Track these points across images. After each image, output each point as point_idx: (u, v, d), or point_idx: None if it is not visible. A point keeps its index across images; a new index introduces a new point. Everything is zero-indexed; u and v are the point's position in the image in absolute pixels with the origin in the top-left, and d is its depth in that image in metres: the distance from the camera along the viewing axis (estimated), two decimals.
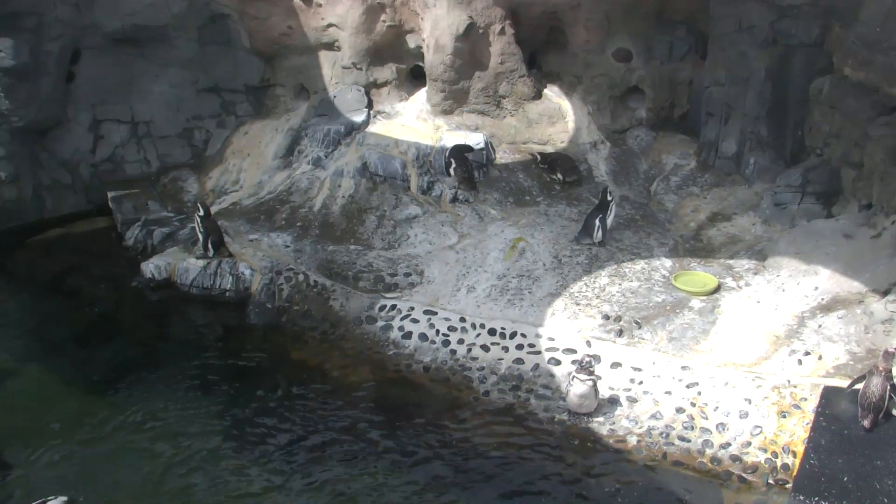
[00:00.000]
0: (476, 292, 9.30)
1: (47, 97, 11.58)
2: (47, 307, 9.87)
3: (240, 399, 8.08)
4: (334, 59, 12.64)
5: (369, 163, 11.28)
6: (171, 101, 12.50)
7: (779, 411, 7.27)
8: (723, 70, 11.14)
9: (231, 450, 7.36)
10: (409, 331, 8.82)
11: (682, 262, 9.72)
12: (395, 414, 7.84)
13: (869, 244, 8.80)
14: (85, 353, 8.91)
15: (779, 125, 10.67)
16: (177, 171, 12.56)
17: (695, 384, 7.73)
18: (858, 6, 9.43)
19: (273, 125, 12.64)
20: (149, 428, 7.59)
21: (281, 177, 11.90)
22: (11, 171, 11.38)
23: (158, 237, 10.87)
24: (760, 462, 6.96)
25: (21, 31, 11.14)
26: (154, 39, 12.14)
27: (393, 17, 12.24)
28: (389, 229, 10.58)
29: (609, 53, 12.25)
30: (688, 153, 11.89)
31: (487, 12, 11.81)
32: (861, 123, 9.24)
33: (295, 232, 10.62)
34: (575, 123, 12.32)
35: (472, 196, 11.04)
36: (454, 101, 12.22)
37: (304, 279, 9.70)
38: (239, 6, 12.31)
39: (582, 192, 11.38)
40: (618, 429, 7.50)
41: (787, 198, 10.09)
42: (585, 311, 8.85)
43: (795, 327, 8.23)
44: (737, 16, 10.67)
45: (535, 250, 9.95)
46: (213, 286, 9.85)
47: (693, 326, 8.49)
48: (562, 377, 7.99)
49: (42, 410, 7.79)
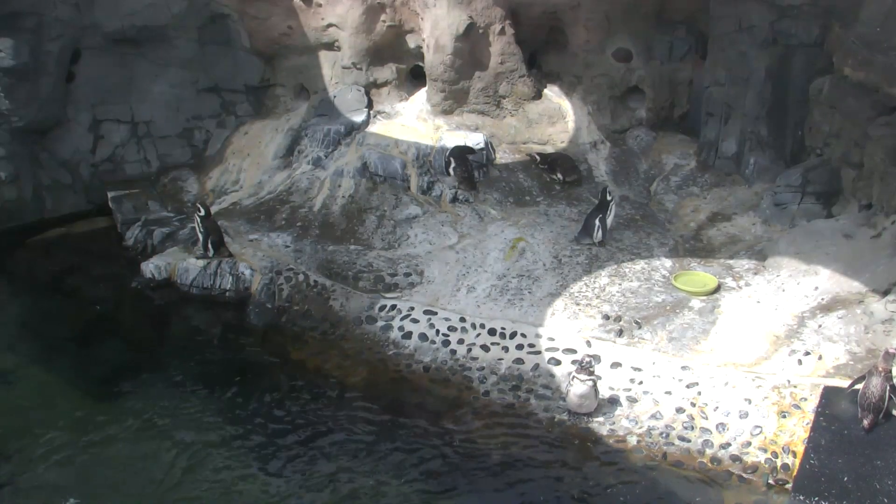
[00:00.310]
0: (476, 292, 9.30)
1: (47, 97, 11.58)
2: (47, 307, 9.87)
3: (239, 399, 8.08)
4: (334, 59, 12.64)
5: (369, 163, 11.28)
6: (171, 101, 12.50)
7: (779, 411, 7.27)
8: (723, 70, 11.14)
9: (231, 450, 7.35)
10: (409, 331, 8.82)
11: (682, 262, 9.72)
12: (395, 414, 7.84)
13: (869, 244, 8.80)
14: (85, 353, 8.91)
15: (779, 125, 10.67)
16: (177, 171, 12.56)
17: (695, 384, 7.73)
18: (858, 6, 9.43)
19: (273, 125, 12.64)
20: (149, 428, 7.59)
21: (281, 177, 11.90)
22: (11, 171, 11.38)
23: (158, 237, 10.87)
24: (760, 462, 6.96)
25: (21, 31, 11.14)
26: (154, 39, 12.14)
27: (393, 17, 12.24)
28: (389, 229, 10.58)
29: (609, 53, 12.25)
30: (688, 153, 11.89)
31: (487, 12, 11.82)
32: (861, 123, 9.24)
33: (295, 232, 10.62)
34: (575, 123, 12.32)
35: (472, 196, 11.04)
36: (454, 101, 12.22)
37: (304, 279, 9.70)
38: (239, 6, 12.31)
39: (582, 192, 11.38)
40: (618, 429, 7.50)
41: (787, 198, 10.09)
42: (585, 311, 8.85)
43: (795, 327, 8.23)
44: (737, 16, 10.67)
45: (535, 250, 9.95)
46: (213, 286, 9.84)
47: (693, 326, 8.50)
48: (562, 377, 7.99)
49: (42, 411, 7.79)
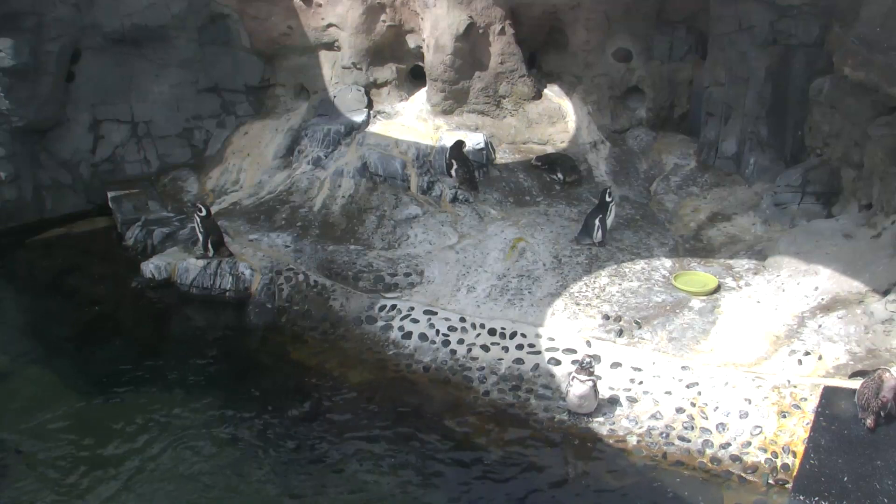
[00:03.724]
0: (476, 292, 9.30)
1: (47, 97, 11.57)
2: (47, 307, 9.87)
3: (239, 399, 8.07)
4: (334, 59, 12.64)
5: (369, 163, 11.28)
6: (171, 101, 12.50)
7: (779, 411, 7.27)
8: (723, 70, 11.14)
9: (230, 450, 7.35)
10: (409, 331, 8.82)
11: (682, 262, 9.72)
12: (394, 414, 7.83)
13: (869, 244, 8.79)
14: (85, 353, 8.91)
15: (779, 125, 10.68)
16: (177, 171, 12.55)
17: (695, 384, 7.73)
18: (858, 6, 9.42)
19: (273, 125, 12.64)
20: (148, 428, 7.58)
21: (281, 177, 11.90)
22: (11, 171, 11.37)
23: (158, 237, 10.87)
24: (760, 462, 6.96)
25: (21, 31, 11.13)
26: (154, 39, 12.14)
27: (393, 17, 12.24)
28: (389, 229, 10.58)
29: (609, 53, 12.26)
30: (688, 153, 11.89)
31: (487, 12, 11.82)
32: (861, 123, 9.24)
33: (295, 232, 10.62)
34: (575, 123, 12.32)
35: (472, 196, 11.04)
36: (454, 101, 12.22)
37: (304, 279, 9.70)
38: (239, 6, 12.32)
39: (582, 192, 11.38)
40: (618, 429, 7.50)
41: (787, 198, 10.10)
42: (585, 311, 8.85)
43: (795, 327, 8.23)
44: (737, 16, 10.67)
45: (535, 250, 9.95)
46: (213, 286, 9.84)
47: (693, 326, 8.50)
48: (562, 377, 7.99)
49: (41, 411, 7.77)
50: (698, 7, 11.62)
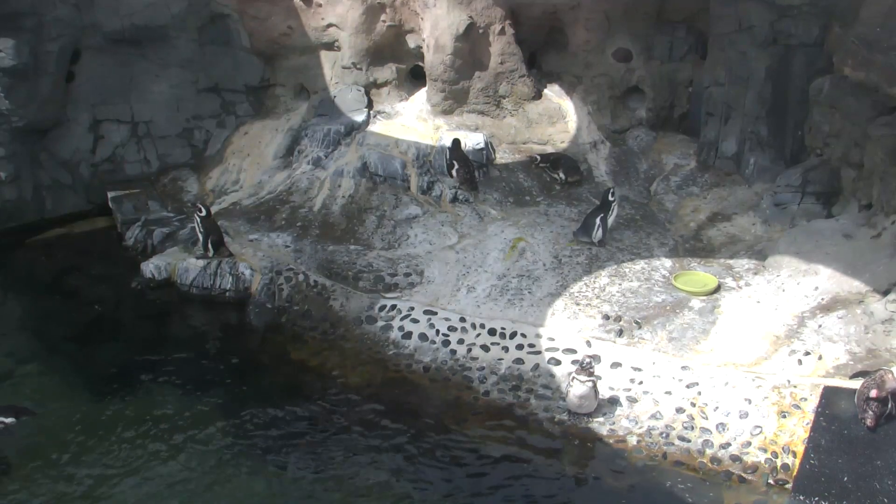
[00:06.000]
0: (476, 292, 9.29)
1: (47, 97, 11.56)
2: (47, 307, 9.87)
3: (239, 399, 8.07)
4: (334, 59, 12.63)
5: (369, 163, 11.27)
6: (171, 101, 12.48)
7: (779, 411, 7.27)
8: (723, 70, 11.13)
9: (230, 450, 7.35)
10: (409, 331, 8.82)
11: (682, 262, 9.72)
12: (394, 414, 7.83)
13: (869, 244, 8.79)
14: (85, 353, 8.90)
15: (779, 125, 10.67)
16: (177, 171, 12.54)
17: (695, 384, 7.73)
18: (858, 6, 9.42)
19: (273, 125, 12.63)
20: (148, 428, 7.58)
21: (281, 177, 11.89)
22: (11, 171, 11.35)
23: (158, 237, 10.86)
24: (760, 462, 6.96)
25: (21, 31, 11.12)
26: (154, 39, 12.13)
27: (393, 17, 12.23)
28: (389, 229, 10.57)
29: (609, 53, 12.24)
30: (688, 153, 11.88)
31: (487, 12, 11.81)
32: (861, 123, 9.23)
33: (295, 232, 10.61)
34: (575, 123, 12.31)
35: (472, 196, 11.04)
36: (454, 101, 12.22)
37: (304, 279, 9.70)
38: (239, 6, 12.30)
39: (582, 192, 11.38)
40: (618, 429, 7.50)
41: (787, 198, 10.09)
42: (585, 311, 8.85)
43: (795, 327, 8.23)
44: (737, 16, 10.66)
45: (535, 250, 9.95)
46: (213, 286, 9.84)
47: (693, 326, 8.49)
48: (562, 377, 7.99)
49: (41, 410, 7.76)
50: (698, 7, 11.61)
